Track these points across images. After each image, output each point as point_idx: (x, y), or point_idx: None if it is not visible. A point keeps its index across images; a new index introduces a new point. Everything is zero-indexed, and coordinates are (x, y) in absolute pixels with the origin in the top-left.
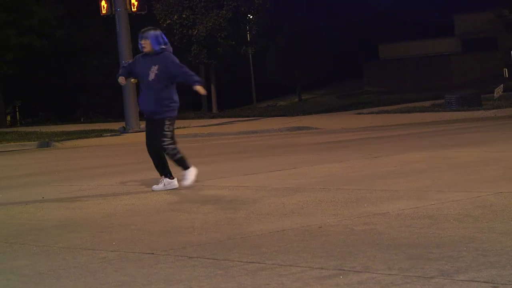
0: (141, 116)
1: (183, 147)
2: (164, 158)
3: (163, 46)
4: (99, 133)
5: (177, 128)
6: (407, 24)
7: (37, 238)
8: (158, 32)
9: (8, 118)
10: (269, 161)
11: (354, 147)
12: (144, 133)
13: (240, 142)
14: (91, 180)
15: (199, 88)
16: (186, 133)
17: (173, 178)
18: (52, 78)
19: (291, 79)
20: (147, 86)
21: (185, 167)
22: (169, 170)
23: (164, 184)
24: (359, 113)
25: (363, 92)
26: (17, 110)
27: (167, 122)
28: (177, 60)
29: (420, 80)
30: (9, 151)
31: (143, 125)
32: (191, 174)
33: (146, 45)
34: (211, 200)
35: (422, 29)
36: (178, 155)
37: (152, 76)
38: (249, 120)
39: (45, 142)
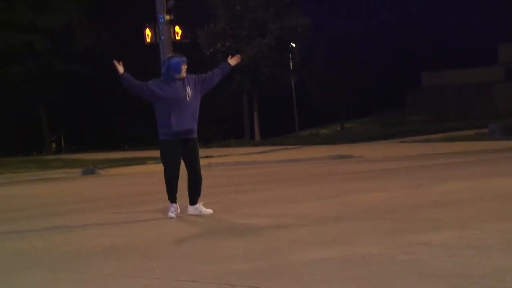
0: None
1: (227, 175)
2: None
3: None
4: (142, 161)
5: (220, 156)
6: (450, 53)
7: (81, 265)
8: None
9: (54, 145)
10: (311, 190)
11: (397, 176)
12: None
13: (283, 170)
14: (135, 207)
15: (234, 59)
16: (229, 161)
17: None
18: (97, 106)
19: (333, 107)
20: (184, 106)
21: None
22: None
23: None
24: (403, 142)
25: (406, 120)
26: (62, 137)
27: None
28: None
29: (464, 109)
30: (54, 178)
31: None
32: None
33: (184, 69)
34: (253, 229)
35: (465, 57)
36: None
37: (189, 96)
38: (291, 148)
39: (90, 169)
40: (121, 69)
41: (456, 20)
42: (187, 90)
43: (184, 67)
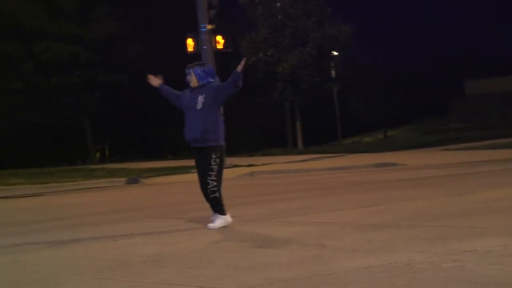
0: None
1: (270, 183)
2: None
3: (211, 79)
4: (186, 170)
5: (263, 164)
6: (492, 60)
7: (126, 273)
8: (204, 67)
9: (98, 155)
10: (355, 198)
11: (440, 184)
12: (227, 170)
13: (326, 179)
14: (179, 216)
15: (240, 65)
16: (272, 169)
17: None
18: (140, 115)
19: (375, 116)
20: (194, 115)
21: (221, 211)
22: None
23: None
24: (445, 150)
25: (448, 128)
26: (106, 147)
27: (213, 155)
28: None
29: (507, 116)
30: (98, 187)
31: (229, 161)
32: (222, 221)
33: (192, 79)
34: (297, 237)
35: (508, 65)
36: (216, 194)
37: (200, 105)
38: (334, 156)
39: (134, 179)
40: (155, 82)
41: (498, 27)
42: (199, 99)
43: (188, 77)
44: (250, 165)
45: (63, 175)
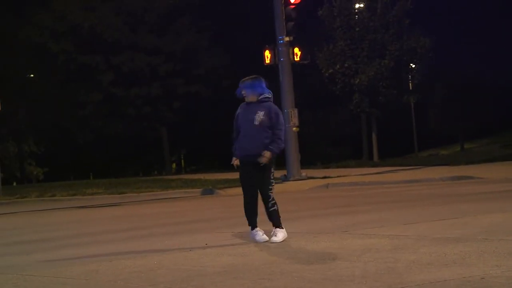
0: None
1: (344, 195)
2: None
3: (268, 95)
4: None
5: (338, 176)
6: None
7: (200, 284)
8: (260, 81)
9: (174, 165)
10: (430, 211)
11: None
12: (302, 182)
13: (401, 191)
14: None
15: (266, 154)
16: (347, 181)
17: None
18: (216, 126)
19: (453, 128)
20: (251, 131)
21: (278, 224)
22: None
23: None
24: None
25: None
26: (182, 157)
27: (272, 169)
28: (281, 116)
29: None
30: (174, 197)
31: (304, 173)
32: (282, 234)
33: (247, 94)
34: (371, 249)
35: None
36: (276, 207)
37: (258, 120)
38: (410, 169)
39: (209, 189)
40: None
41: None
42: (257, 114)
43: (243, 92)
44: (325, 177)
45: (140, 185)
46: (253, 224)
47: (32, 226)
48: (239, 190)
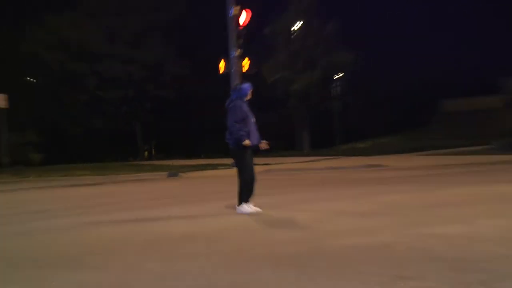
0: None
1: (280, 179)
2: None
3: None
4: (215, 166)
5: (277, 163)
6: (466, 84)
7: (165, 246)
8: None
9: (146, 153)
10: (347, 191)
11: (416, 181)
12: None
13: (326, 176)
14: (207, 203)
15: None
16: (283, 168)
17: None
18: (181, 123)
19: (369, 126)
20: (254, 125)
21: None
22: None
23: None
24: (423, 155)
25: (428, 138)
26: (152, 147)
27: None
28: None
29: (475, 130)
30: (146, 179)
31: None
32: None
33: (250, 94)
34: (299, 221)
35: (478, 88)
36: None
37: (254, 118)
38: (333, 158)
39: (173, 173)
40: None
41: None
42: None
43: (251, 92)
44: (266, 164)
45: (118, 169)
46: (249, 198)
47: (42, 199)
48: (198, 173)
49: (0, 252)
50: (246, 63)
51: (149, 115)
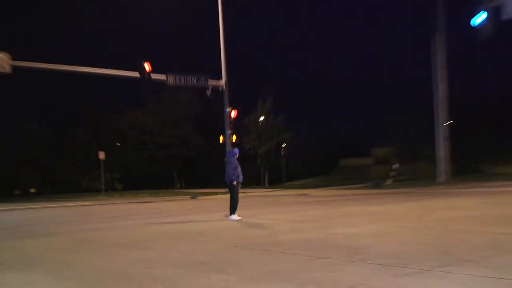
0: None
1: (252, 200)
2: None
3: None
4: (216, 194)
5: (250, 192)
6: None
7: (187, 239)
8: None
9: (178, 185)
10: (288, 208)
11: (326, 203)
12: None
13: (276, 199)
14: (212, 213)
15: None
16: (254, 195)
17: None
18: (199, 169)
19: (301, 173)
20: (239, 170)
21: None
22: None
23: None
24: (331, 189)
25: (334, 179)
26: (182, 182)
27: None
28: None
29: (358, 176)
30: (178, 199)
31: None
32: (236, 217)
33: (237, 153)
34: (262, 224)
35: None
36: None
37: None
38: (280, 190)
39: (194, 196)
40: (235, 182)
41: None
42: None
43: (238, 153)
44: (244, 192)
45: (163, 194)
46: (235, 211)
47: (117, 210)
48: (208, 197)
49: (92, 239)
50: (234, 137)
51: (181, 165)
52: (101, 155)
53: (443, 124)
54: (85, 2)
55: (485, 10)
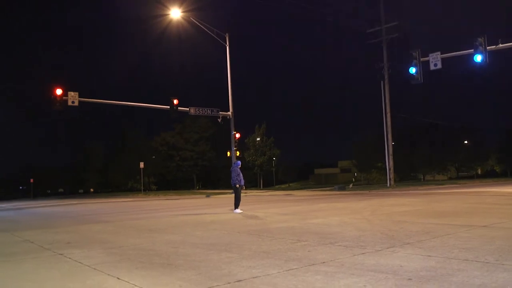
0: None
1: (250, 199)
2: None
3: (238, 164)
4: (225, 193)
5: (249, 192)
6: (322, 162)
7: (206, 226)
8: (238, 162)
9: (198, 187)
10: (275, 205)
11: (305, 201)
12: (231, 195)
13: (267, 198)
14: (222, 208)
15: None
16: (252, 194)
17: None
18: (212, 175)
19: (287, 179)
20: (241, 176)
21: (237, 207)
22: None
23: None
24: (309, 191)
25: (310, 185)
26: (200, 184)
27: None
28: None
29: (327, 182)
30: (196, 197)
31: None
32: (239, 210)
33: (239, 165)
34: (256, 216)
35: (329, 163)
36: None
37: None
38: (271, 191)
39: (208, 195)
40: (238, 186)
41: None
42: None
43: (240, 164)
44: (245, 193)
45: (185, 193)
46: (238, 206)
47: (150, 205)
48: (219, 195)
49: (134, 225)
50: (238, 153)
51: (199, 172)
52: (141, 164)
53: (390, 143)
54: (123, 52)
55: (416, 64)
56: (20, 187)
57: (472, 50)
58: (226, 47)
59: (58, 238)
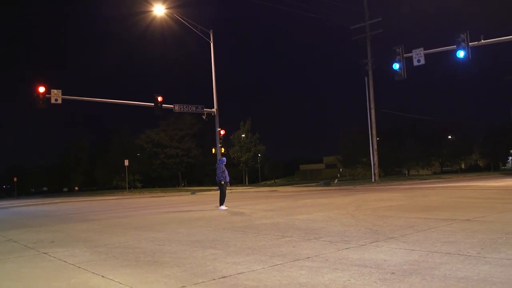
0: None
1: (236, 195)
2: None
3: (223, 160)
4: (210, 190)
5: (234, 189)
6: (307, 158)
7: (191, 223)
8: (223, 158)
9: (183, 184)
10: (261, 201)
11: (290, 197)
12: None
13: (253, 194)
14: (207, 205)
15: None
16: (237, 190)
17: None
18: (196, 172)
19: (272, 175)
20: (226, 172)
21: (222, 203)
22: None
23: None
24: (294, 187)
25: (296, 181)
26: (185, 181)
27: None
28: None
29: (313, 178)
30: (181, 195)
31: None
32: (224, 207)
33: (224, 161)
34: (242, 212)
35: (315, 159)
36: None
37: (226, 171)
38: (256, 187)
39: (193, 192)
40: (223, 182)
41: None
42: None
43: (225, 161)
44: (230, 189)
45: (170, 191)
46: (223, 203)
47: (137, 203)
48: (204, 192)
49: (119, 223)
50: (223, 149)
51: (185, 169)
52: (126, 162)
53: (375, 138)
54: (111, 52)
55: (399, 60)
56: (4, 186)
57: (455, 46)
58: (210, 43)
59: (42, 237)
